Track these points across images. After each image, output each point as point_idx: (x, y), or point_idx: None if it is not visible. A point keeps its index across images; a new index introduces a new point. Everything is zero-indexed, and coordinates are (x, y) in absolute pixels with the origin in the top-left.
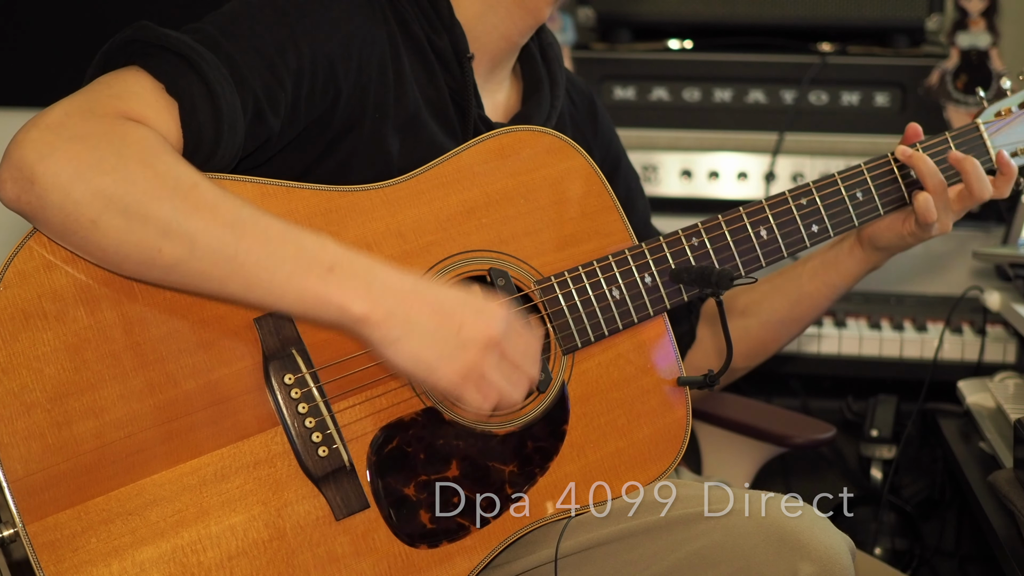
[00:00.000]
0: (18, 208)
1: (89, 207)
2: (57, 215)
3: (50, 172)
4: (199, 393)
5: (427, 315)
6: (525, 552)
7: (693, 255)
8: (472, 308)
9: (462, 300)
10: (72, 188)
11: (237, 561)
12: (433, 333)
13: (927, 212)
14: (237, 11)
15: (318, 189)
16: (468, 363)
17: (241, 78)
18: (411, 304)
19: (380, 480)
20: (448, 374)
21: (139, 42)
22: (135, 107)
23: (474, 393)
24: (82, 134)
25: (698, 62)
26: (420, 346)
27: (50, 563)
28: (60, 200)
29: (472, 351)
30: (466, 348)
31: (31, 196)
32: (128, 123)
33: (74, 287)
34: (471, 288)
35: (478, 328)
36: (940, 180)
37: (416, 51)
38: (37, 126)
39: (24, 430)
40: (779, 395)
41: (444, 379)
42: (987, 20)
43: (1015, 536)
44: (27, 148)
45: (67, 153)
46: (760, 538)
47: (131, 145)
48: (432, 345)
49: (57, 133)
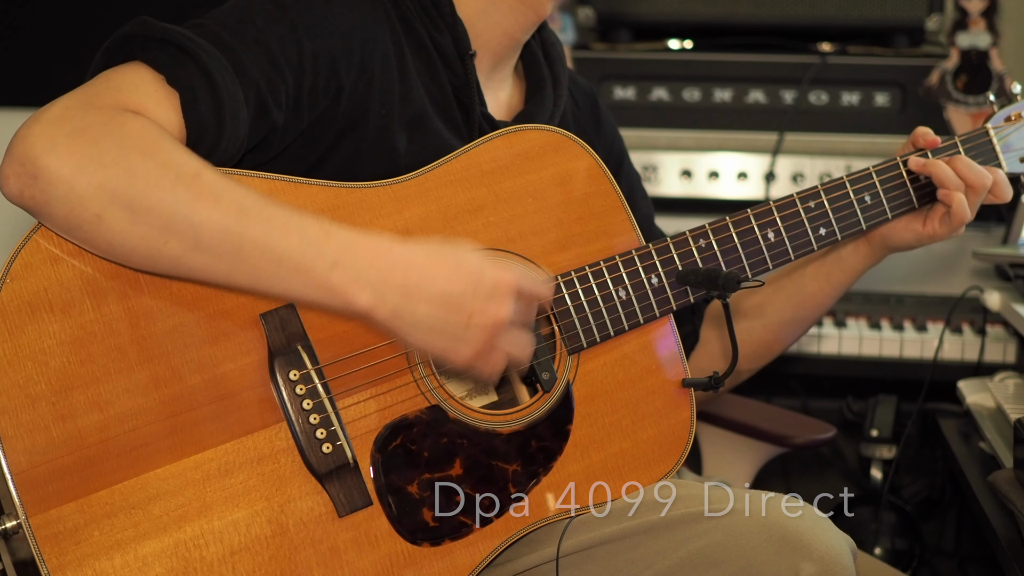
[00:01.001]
0: (22, 203)
1: (93, 201)
2: (62, 209)
3: (53, 167)
4: (204, 388)
5: (434, 309)
6: (527, 551)
7: (700, 256)
8: (481, 295)
9: (472, 287)
10: (76, 182)
11: (239, 556)
12: (442, 326)
13: (963, 213)
14: (238, 7)
15: (326, 185)
16: (479, 347)
17: (242, 69)
18: (417, 300)
19: (383, 477)
20: (459, 359)
21: (139, 37)
22: (135, 98)
23: (484, 368)
24: (82, 127)
25: (698, 62)
26: (429, 337)
27: (53, 556)
28: (64, 194)
29: (482, 337)
30: (476, 336)
31: (35, 191)
32: (127, 114)
33: (80, 280)
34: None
35: (487, 316)
36: (958, 183)
37: (419, 49)
38: (38, 121)
39: (29, 422)
40: (779, 395)
41: (456, 362)
42: (987, 20)
43: (1015, 536)
44: (29, 143)
45: (69, 147)
46: (761, 538)
47: (131, 135)
48: (441, 336)
49: (58, 127)
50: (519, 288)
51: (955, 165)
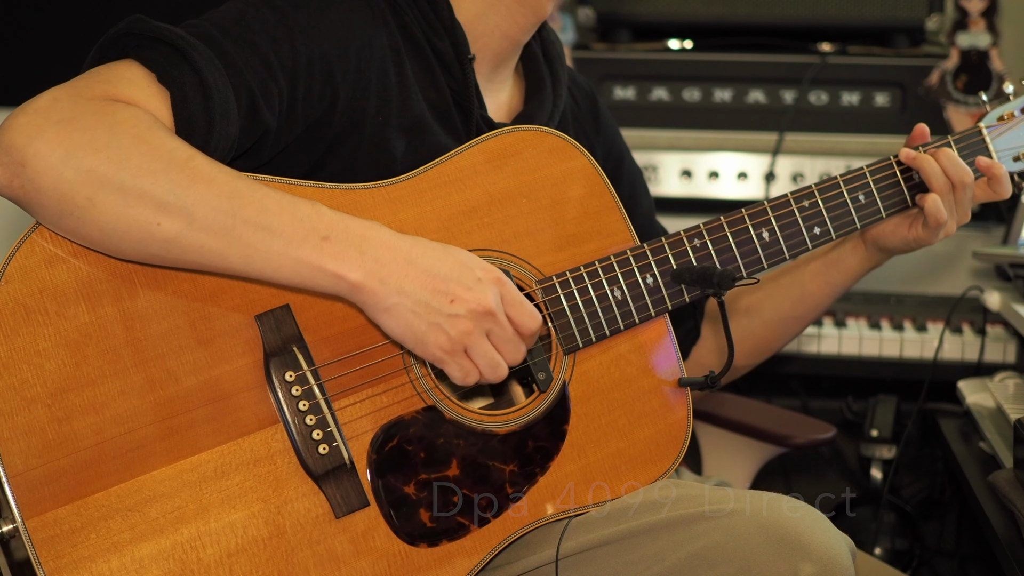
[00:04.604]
0: (11, 194)
1: (84, 186)
2: (52, 197)
3: (40, 154)
4: (199, 390)
5: (419, 284)
6: (526, 552)
7: (695, 256)
8: (466, 281)
9: (458, 271)
10: (64, 168)
11: (236, 558)
12: (426, 303)
13: (937, 212)
14: (235, 10)
15: (321, 187)
16: (456, 335)
17: (235, 71)
18: (405, 272)
19: (380, 478)
20: (434, 345)
21: (133, 35)
22: (125, 91)
23: (456, 368)
24: (71, 116)
25: (698, 62)
26: (411, 315)
27: (49, 559)
28: (53, 181)
29: (461, 324)
30: (455, 320)
31: (23, 180)
32: (117, 103)
33: (75, 282)
34: (472, 257)
35: (468, 301)
36: (945, 182)
37: (417, 53)
38: (25, 111)
39: (24, 425)
40: (779, 395)
41: (430, 349)
42: (987, 20)
43: (1015, 536)
44: (15, 132)
45: (57, 135)
46: (761, 538)
47: (122, 123)
48: (423, 314)
49: (46, 116)
50: (505, 286)
51: (939, 158)
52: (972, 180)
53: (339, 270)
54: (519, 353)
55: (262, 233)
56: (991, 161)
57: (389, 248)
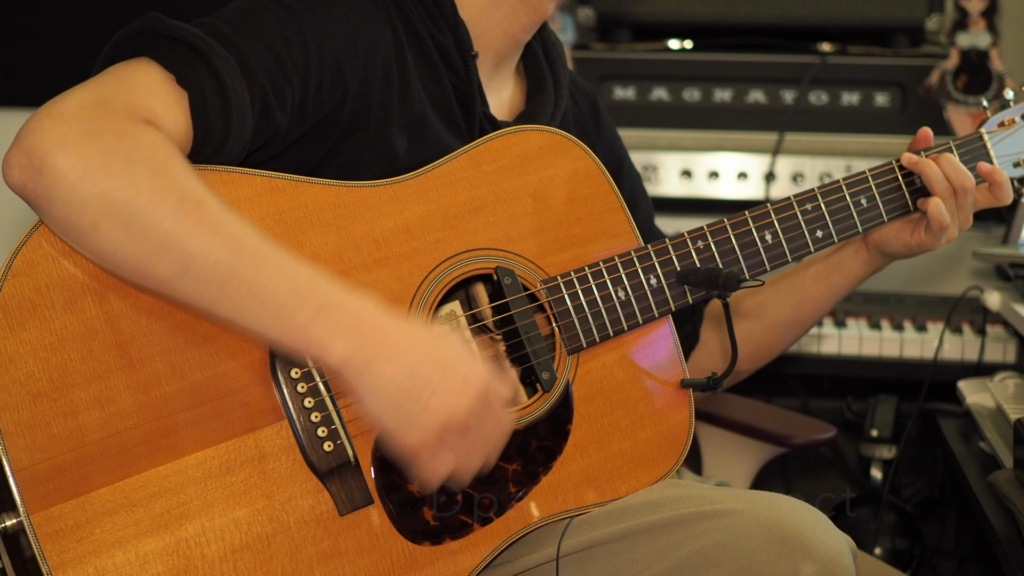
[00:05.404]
0: (23, 194)
1: (92, 209)
2: (60, 210)
3: (60, 166)
4: (205, 386)
5: (400, 378)
6: (527, 551)
7: (698, 258)
8: (449, 380)
9: (441, 371)
10: (78, 187)
11: (240, 555)
12: (400, 400)
13: (940, 216)
14: (245, 7)
15: (327, 184)
16: (427, 438)
17: (249, 71)
18: (387, 362)
19: (384, 476)
20: (406, 440)
21: (149, 33)
22: (147, 102)
23: (422, 468)
24: (95, 129)
25: (698, 62)
26: (389, 404)
27: (54, 553)
28: (65, 196)
29: (434, 425)
30: (427, 423)
31: (37, 185)
32: (140, 124)
33: (82, 277)
34: (466, 347)
35: (446, 403)
36: (947, 186)
37: (420, 50)
38: (50, 115)
39: (30, 419)
40: (779, 395)
41: (402, 443)
42: (987, 20)
43: (1015, 536)
44: (38, 136)
45: (79, 149)
46: (761, 538)
47: (142, 149)
48: (397, 410)
49: (71, 125)
50: (490, 389)
51: (940, 163)
52: (973, 185)
53: (325, 347)
54: (477, 464)
55: (255, 296)
56: (992, 167)
57: (379, 332)
